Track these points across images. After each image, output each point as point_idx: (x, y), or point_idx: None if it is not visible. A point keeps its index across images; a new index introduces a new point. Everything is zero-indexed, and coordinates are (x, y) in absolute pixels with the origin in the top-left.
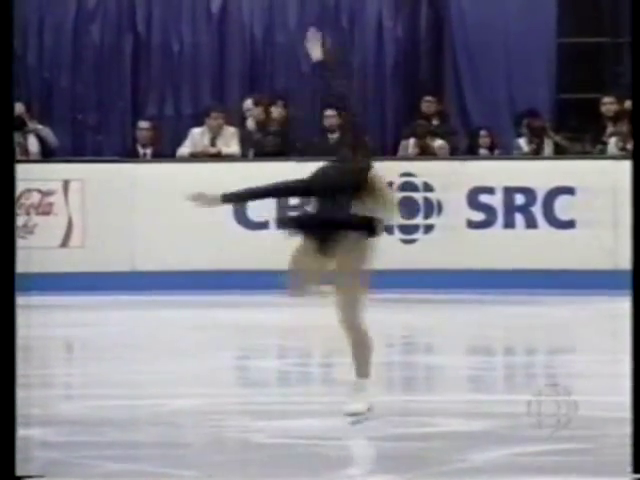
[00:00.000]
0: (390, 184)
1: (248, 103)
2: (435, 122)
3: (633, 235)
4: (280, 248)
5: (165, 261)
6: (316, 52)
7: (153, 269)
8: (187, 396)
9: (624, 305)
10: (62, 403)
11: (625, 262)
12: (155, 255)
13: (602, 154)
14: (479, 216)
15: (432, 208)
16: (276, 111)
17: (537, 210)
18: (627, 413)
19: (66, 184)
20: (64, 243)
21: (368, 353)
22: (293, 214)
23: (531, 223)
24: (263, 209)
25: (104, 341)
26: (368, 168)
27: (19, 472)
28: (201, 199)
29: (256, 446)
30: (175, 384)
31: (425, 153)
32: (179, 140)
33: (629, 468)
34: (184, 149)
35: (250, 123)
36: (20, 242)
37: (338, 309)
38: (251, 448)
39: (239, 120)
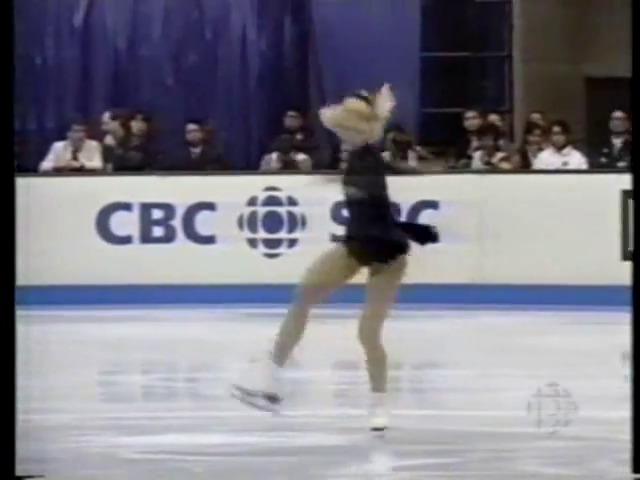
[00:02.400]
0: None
1: (106, 117)
2: (299, 136)
3: (634, 241)
4: (142, 262)
5: (32, 276)
6: (386, 107)
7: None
8: (54, 411)
9: (489, 320)
10: None
11: (490, 277)
12: (23, 269)
13: (467, 168)
14: (344, 230)
15: (296, 222)
16: (136, 125)
17: None
18: (495, 427)
19: None
20: None
21: (384, 369)
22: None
23: None
24: (127, 224)
25: None
26: None
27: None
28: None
29: (123, 461)
30: (42, 399)
31: (288, 167)
32: (43, 154)
33: None
34: (47, 163)
35: (109, 139)
36: None
37: (361, 324)
38: (118, 463)
39: (101, 134)
